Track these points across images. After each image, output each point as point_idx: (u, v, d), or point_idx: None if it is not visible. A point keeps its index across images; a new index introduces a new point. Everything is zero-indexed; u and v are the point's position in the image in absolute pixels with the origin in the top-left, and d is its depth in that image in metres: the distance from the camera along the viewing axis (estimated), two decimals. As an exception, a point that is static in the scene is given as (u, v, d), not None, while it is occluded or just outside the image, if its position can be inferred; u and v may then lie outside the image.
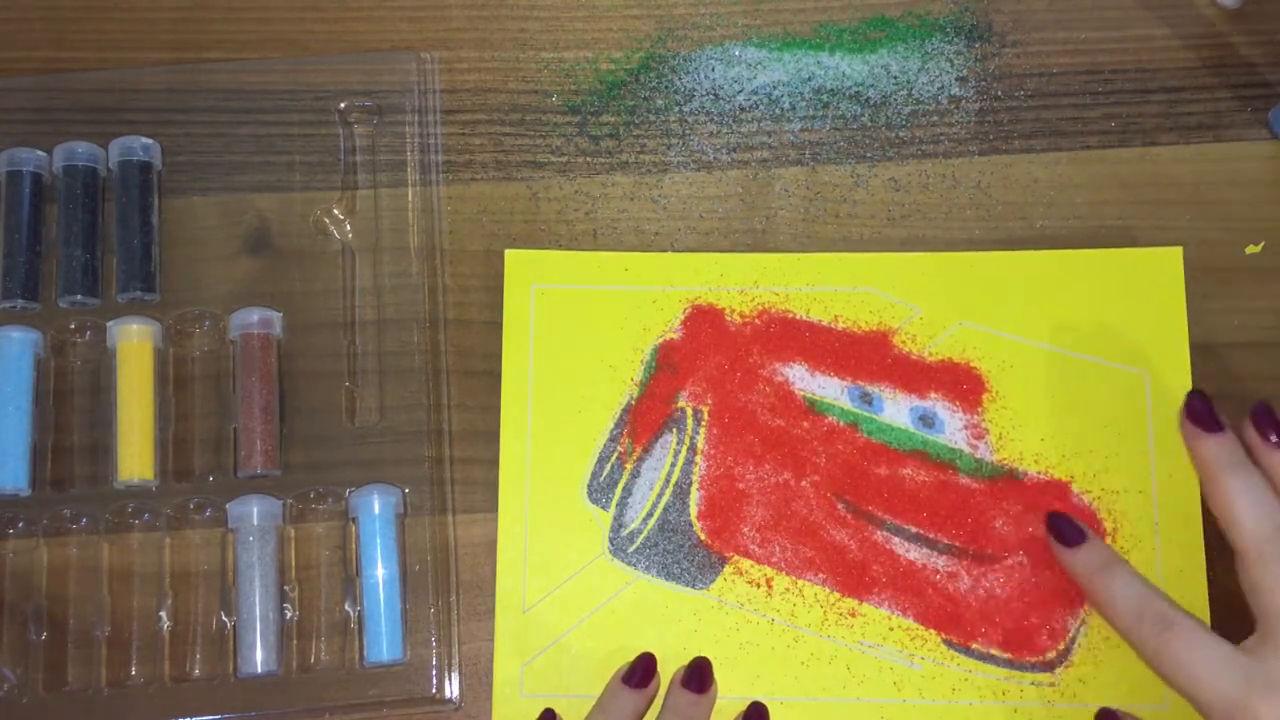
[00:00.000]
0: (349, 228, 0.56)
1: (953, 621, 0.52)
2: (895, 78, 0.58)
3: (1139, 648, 0.46)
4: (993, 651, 0.52)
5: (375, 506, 0.53)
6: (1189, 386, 0.54)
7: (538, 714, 0.51)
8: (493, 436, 0.54)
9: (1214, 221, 0.56)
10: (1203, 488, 0.47)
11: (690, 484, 0.54)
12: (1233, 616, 0.51)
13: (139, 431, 0.53)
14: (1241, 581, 0.46)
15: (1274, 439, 0.46)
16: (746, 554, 0.53)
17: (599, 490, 0.54)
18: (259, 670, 0.51)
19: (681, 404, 0.54)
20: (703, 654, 0.52)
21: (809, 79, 0.58)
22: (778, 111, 0.58)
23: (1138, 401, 0.54)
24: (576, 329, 0.55)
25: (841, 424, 0.54)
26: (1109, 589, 0.47)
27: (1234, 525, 0.45)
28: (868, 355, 0.55)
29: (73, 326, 0.55)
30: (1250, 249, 0.56)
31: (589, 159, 0.58)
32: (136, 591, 0.53)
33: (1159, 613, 0.45)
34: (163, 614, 0.52)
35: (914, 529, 0.53)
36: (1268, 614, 0.44)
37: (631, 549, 0.53)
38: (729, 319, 0.55)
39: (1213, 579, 0.52)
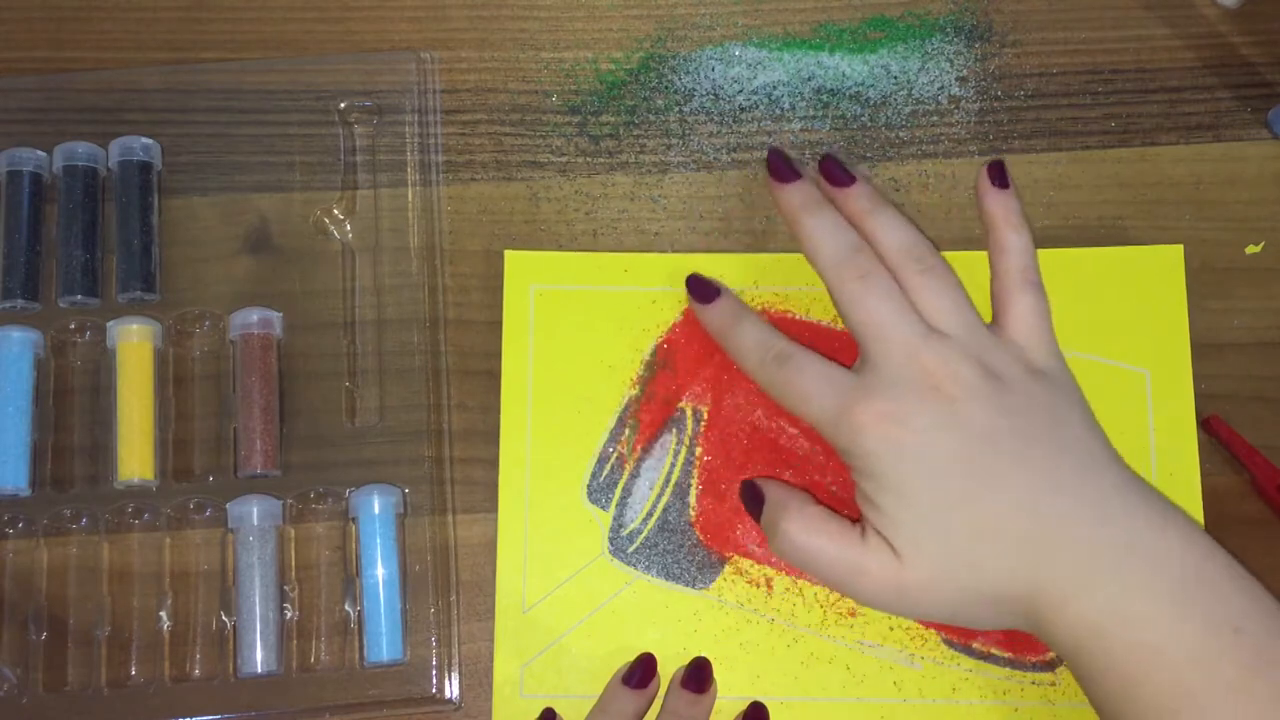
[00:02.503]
0: (349, 228, 0.56)
1: (953, 621, 0.52)
2: (895, 78, 0.58)
3: (764, 384, 0.50)
4: (993, 651, 0.52)
5: (375, 506, 0.53)
6: (1190, 384, 0.54)
7: (538, 714, 0.51)
8: (493, 436, 0.54)
9: (1214, 221, 0.56)
10: (792, 234, 0.51)
11: (690, 484, 0.54)
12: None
13: (139, 431, 0.53)
14: (838, 312, 0.49)
15: (840, 181, 0.51)
16: (746, 554, 0.53)
17: (599, 490, 0.54)
18: (259, 670, 0.51)
19: (681, 404, 0.54)
20: (703, 654, 0.52)
21: (809, 79, 0.58)
22: (778, 111, 0.58)
23: (1139, 399, 0.54)
24: (576, 329, 0.55)
25: (842, 424, 0.54)
26: (736, 339, 0.51)
27: (814, 256, 0.50)
28: (868, 355, 0.55)
29: (73, 326, 0.55)
30: (1250, 249, 0.56)
31: (589, 159, 0.58)
32: (136, 591, 0.53)
33: (777, 350, 0.49)
34: (163, 614, 0.52)
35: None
36: (855, 330, 0.48)
37: (631, 549, 0.53)
38: (729, 319, 0.55)
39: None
